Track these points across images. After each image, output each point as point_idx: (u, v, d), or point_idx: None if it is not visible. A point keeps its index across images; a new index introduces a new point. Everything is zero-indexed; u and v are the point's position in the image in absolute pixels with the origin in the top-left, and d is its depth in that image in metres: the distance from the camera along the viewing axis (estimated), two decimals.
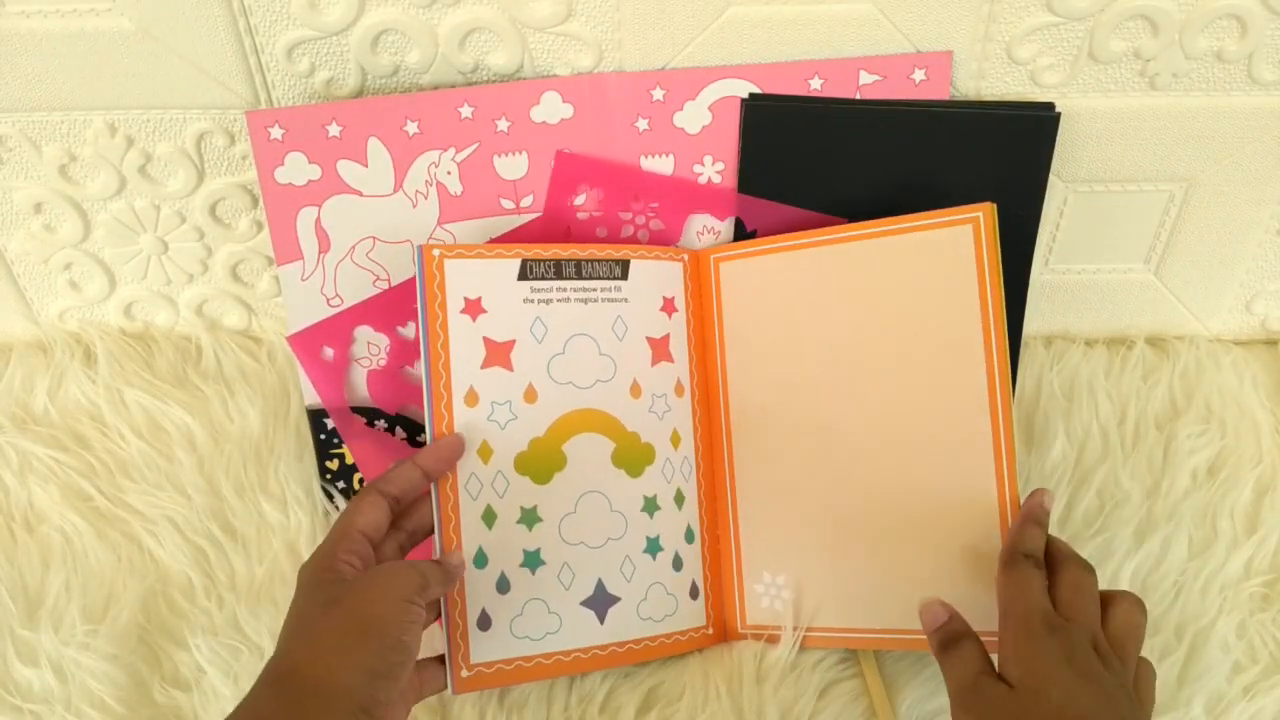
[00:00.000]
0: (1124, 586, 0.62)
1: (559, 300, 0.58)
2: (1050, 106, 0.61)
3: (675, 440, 0.60)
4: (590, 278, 0.59)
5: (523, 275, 0.58)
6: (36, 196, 0.65)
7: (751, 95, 0.61)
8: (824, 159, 0.62)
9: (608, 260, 0.59)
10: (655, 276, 0.61)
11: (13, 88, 0.60)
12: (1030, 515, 0.52)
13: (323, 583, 0.48)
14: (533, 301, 0.58)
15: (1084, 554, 0.62)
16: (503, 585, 0.56)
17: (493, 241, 0.62)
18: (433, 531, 0.55)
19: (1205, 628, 0.60)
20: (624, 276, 0.60)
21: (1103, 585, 0.62)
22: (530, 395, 0.57)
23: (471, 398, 0.56)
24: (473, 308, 0.56)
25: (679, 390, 0.61)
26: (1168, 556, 0.63)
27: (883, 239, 0.57)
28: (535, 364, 0.57)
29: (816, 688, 0.58)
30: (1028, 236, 0.63)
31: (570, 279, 0.58)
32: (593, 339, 0.59)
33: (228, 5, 0.57)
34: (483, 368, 0.56)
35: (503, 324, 0.57)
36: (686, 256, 0.62)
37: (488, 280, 0.57)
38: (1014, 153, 0.61)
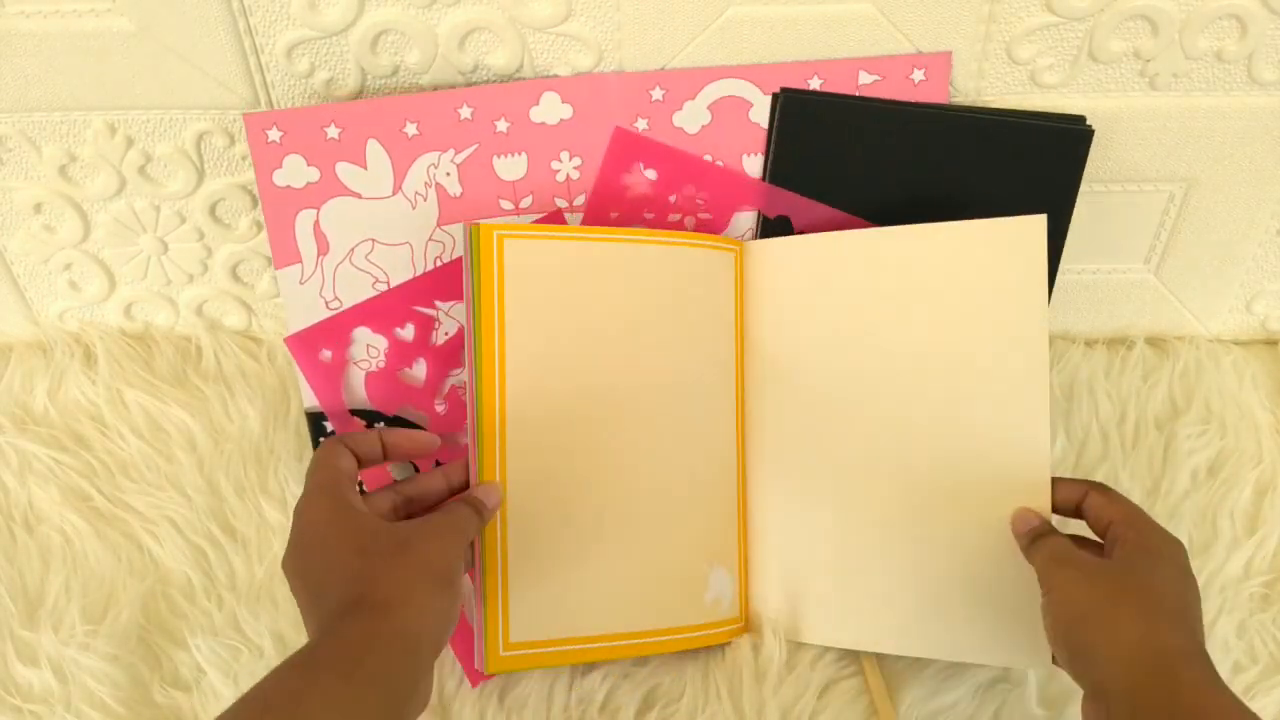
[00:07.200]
0: None
1: None
2: (1082, 119, 0.61)
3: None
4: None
5: None
6: (36, 196, 0.65)
7: (784, 89, 0.60)
8: (853, 158, 0.62)
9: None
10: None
11: (13, 88, 0.60)
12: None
13: (364, 527, 0.48)
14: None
15: None
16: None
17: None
18: (432, 505, 0.54)
19: (1205, 628, 0.60)
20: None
21: None
22: None
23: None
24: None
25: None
26: None
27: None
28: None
29: (817, 687, 0.58)
30: (1054, 248, 0.62)
31: None
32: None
33: (228, 5, 0.57)
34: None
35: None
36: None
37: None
38: (1045, 165, 0.61)
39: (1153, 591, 0.48)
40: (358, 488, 0.51)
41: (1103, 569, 0.49)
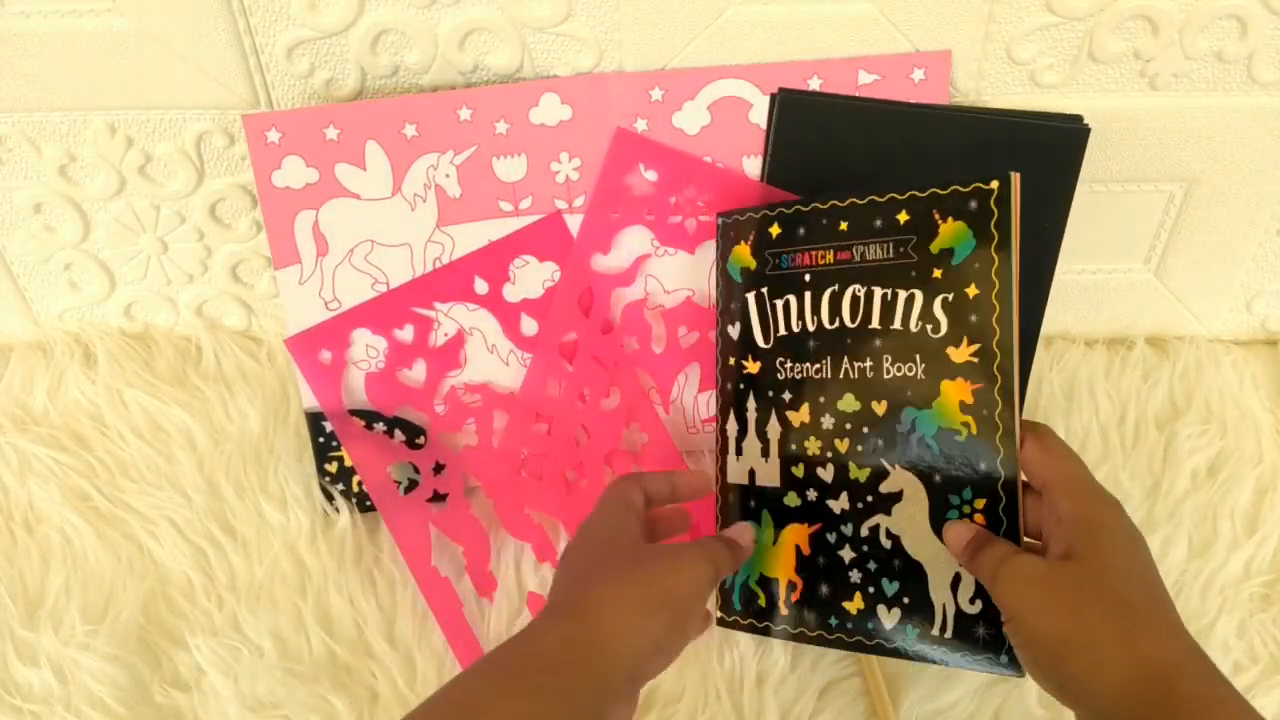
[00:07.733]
0: None
1: None
2: (1079, 118, 0.60)
3: None
4: None
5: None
6: (36, 196, 0.65)
7: (782, 89, 0.60)
8: (851, 158, 0.61)
9: None
10: None
11: (12, 88, 0.60)
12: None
13: (626, 533, 0.49)
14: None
15: None
16: None
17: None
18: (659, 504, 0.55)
19: (1205, 628, 0.60)
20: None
21: None
22: None
23: None
24: None
25: None
26: (1168, 556, 0.63)
27: None
28: None
29: (817, 688, 0.59)
30: (1051, 247, 0.62)
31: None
32: None
33: (227, 5, 0.57)
34: None
35: None
36: None
37: None
38: (1043, 163, 0.60)
39: (1121, 593, 0.44)
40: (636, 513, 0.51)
41: (1062, 581, 0.45)
